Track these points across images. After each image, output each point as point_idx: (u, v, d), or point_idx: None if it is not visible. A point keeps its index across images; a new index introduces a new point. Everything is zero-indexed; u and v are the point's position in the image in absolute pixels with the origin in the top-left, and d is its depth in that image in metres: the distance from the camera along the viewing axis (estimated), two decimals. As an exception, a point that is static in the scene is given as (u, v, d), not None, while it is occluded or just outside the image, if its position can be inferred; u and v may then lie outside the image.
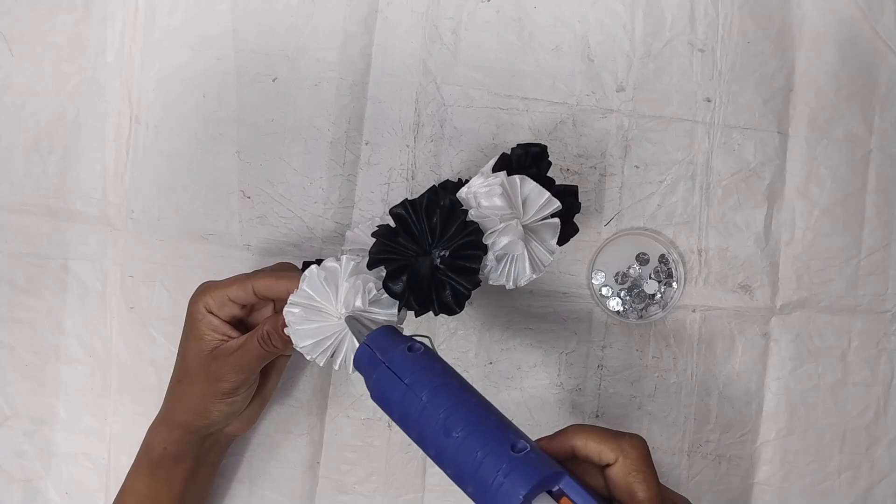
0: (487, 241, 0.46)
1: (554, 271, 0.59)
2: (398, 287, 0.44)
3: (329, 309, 0.45)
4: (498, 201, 0.46)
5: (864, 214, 0.59)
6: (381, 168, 0.59)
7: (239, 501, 0.60)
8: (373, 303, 0.45)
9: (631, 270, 0.59)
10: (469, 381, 0.41)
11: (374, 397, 0.41)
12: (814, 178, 0.59)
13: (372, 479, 0.59)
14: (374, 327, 0.43)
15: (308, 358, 0.45)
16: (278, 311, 0.50)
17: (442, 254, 0.45)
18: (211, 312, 0.49)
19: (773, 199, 0.59)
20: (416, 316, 0.46)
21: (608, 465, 0.38)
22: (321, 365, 0.45)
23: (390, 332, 0.42)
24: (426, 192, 0.47)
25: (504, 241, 0.46)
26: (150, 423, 0.53)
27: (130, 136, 0.60)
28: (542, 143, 0.50)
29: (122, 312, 0.60)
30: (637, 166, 0.59)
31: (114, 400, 0.60)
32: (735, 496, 0.59)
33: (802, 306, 0.59)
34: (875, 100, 0.59)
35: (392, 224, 0.47)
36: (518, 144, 0.49)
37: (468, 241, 0.45)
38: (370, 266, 0.45)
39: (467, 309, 0.59)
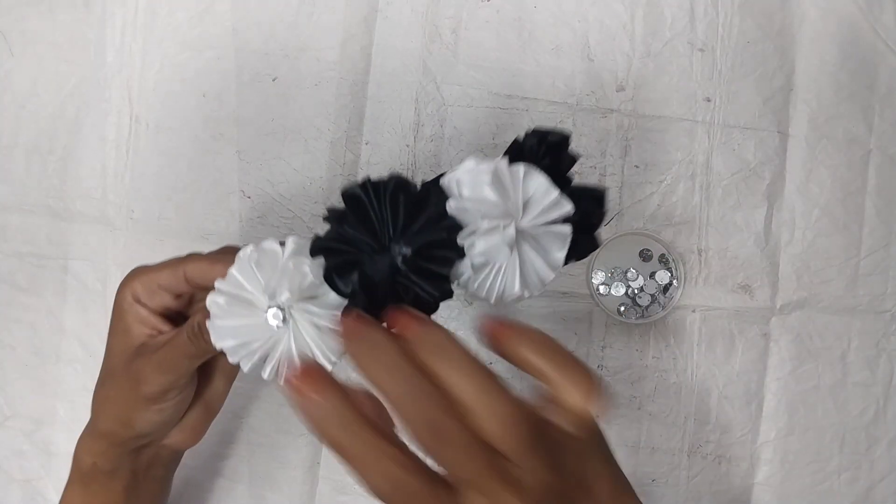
0: (464, 241, 0.36)
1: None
2: (346, 287, 0.35)
3: (260, 302, 0.36)
4: (487, 193, 0.36)
5: (864, 214, 0.59)
6: (381, 168, 0.59)
7: (239, 501, 0.60)
8: (312, 298, 0.36)
9: (631, 271, 0.59)
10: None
11: None
12: (814, 178, 0.59)
13: (372, 479, 0.59)
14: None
15: (231, 361, 0.36)
16: None
17: (404, 251, 0.35)
18: (139, 302, 0.42)
19: (773, 199, 0.59)
20: None
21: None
22: (245, 371, 0.37)
23: None
24: (394, 174, 0.36)
25: (483, 244, 0.36)
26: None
27: (130, 136, 0.60)
28: (565, 130, 0.41)
29: (122, 312, 0.60)
30: (637, 166, 0.59)
31: (114, 400, 0.60)
32: (735, 496, 0.59)
33: (802, 306, 0.59)
34: (875, 100, 0.59)
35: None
36: (533, 130, 0.39)
37: (437, 240, 0.35)
38: (312, 253, 0.36)
39: (467, 309, 0.59)
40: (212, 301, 0.36)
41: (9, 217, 0.60)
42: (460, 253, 0.36)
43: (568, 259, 0.39)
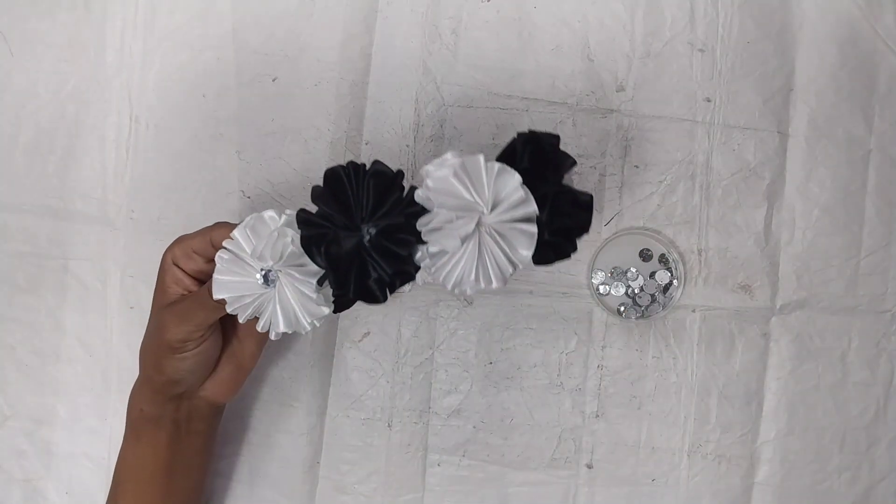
0: (421, 228, 0.39)
1: (554, 271, 0.59)
2: (318, 260, 0.39)
3: (253, 263, 0.42)
4: (450, 185, 0.38)
5: (864, 214, 0.59)
6: (381, 168, 0.59)
7: (239, 501, 0.60)
8: (298, 265, 0.41)
9: (631, 271, 0.59)
10: (469, 381, 0.41)
11: None
12: (814, 178, 0.59)
13: (372, 479, 0.59)
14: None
15: (228, 311, 0.43)
16: None
17: (371, 231, 0.39)
18: (176, 265, 0.48)
19: (772, 199, 0.59)
20: (334, 299, 0.41)
21: None
22: (241, 321, 0.43)
23: None
24: (376, 161, 0.40)
25: (436, 234, 0.38)
26: None
27: (130, 136, 0.60)
28: (555, 133, 0.42)
29: (122, 312, 0.60)
30: (637, 166, 0.59)
31: (114, 400, 0.60)
32: (735, 496, 0.59)
33: (802, 306, 0.59)
34: (875, 100, 0.59)
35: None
36: (527, 132, 0.41)
37: (397, 224, 0.39)
38: (299, 225, 0.40)
39: (467, 309, 0.59)
40: (218, 257, 0.42)
41: (9, 217, 0.60)
42: (419, 238, 0.38)
43: (549, 260, 0.41)
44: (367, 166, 0.40)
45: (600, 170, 0.59)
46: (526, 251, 0.40)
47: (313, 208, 0.41)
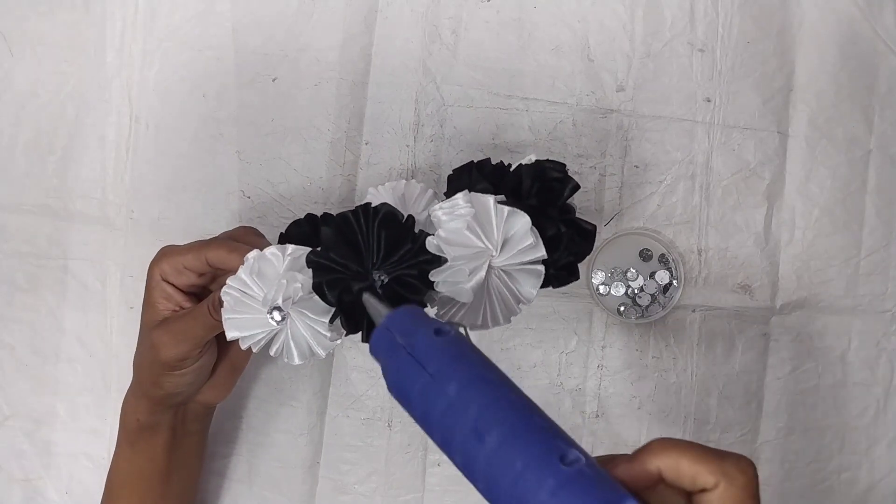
0: (434, 278, 0.39)
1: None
2: (330, 303, 0.40)
3: (261, 303, 0.42)
4: (463, 236, 0.39)
5: (864, 214, 0.59)
6: (381, 168, 0.59)
7: (238, 501, 0.60)
8: (304, 302, 0.41)
9: (631, 271, 0.59)
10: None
11: (391, 389, 0.34)
12: (814, 178, 0.59)
13: (372, 479, 0.59)
14: (390, 306, 0.36)
15: (242, 347, 0.43)
16: None
17: (382, 278, 0.39)
18: (166, 280, 0.46)
19: (772, 199, 0.59)
20: (347, 335, 0.41)
21: (703, 491, 0.30)
22: (255, 352, 0.43)
23: (415, 312, 0.35)
24: (384, 205, 0.40)
25: (449, 287, 0.39)
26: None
27: (130, 136, 0.60)
28: (561, 162, 0.42)
29: (122, 312, 0.60)
30: (637, 166, 0.59)
31: (114, 400, 0.60)
32: (735, 496, 0.59)
33: (802, 306, 0.59)
34: (875, 100, 0.59)
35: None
36: (534, 163, 0.41)
37: (410, 274, 0.39)
38: (309, 265, 0.40)
39: (467, 309, 0.59)
40: (225, 293, 0.42)
41: (9, 217, 0.60)
42: (430, 286, 0.39)
43: (551, 286, 0.42)
44: (376, 208, 0.40)
45: (600, 170, 0.59)
46: (533, 290, 0.40)
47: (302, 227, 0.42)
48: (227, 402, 0.59)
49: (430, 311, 0.40)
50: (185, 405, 0.51)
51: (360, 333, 0.41)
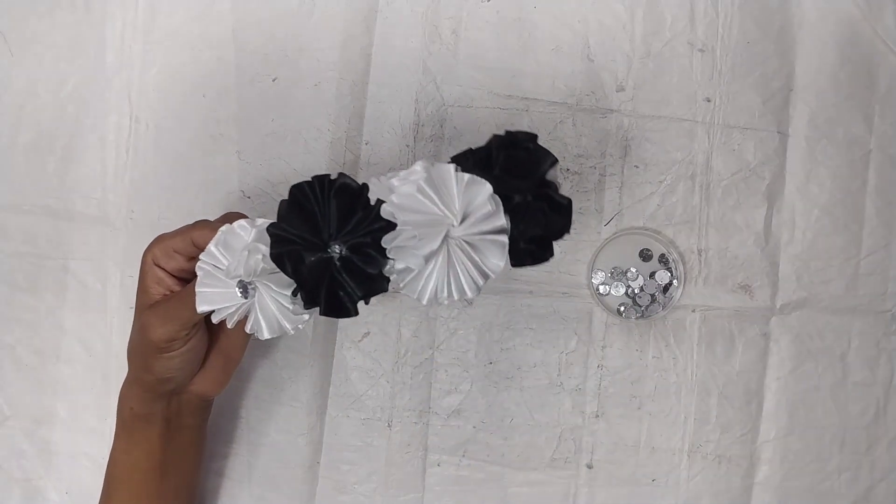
0: (387, 245, 0.38)
1: (554, 271, 0.59)
2: (289, 275, 0.39)
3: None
4: (415, 201, 0.38)
5: (864, 214, 0.59)
6: (381, 168, 0.59)
7: (238, 501, 0.60)
8: (271, 275, 0.41)
9: (631, 271, 0.59)
10: (469, 381, 0.41)
11: None
12: (814, 178, 0.59)
13: (372, 479, 0.59)
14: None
15: (214, 320, 0.43)
16: None
17: (339, 249, 0.39)
18: (157, 265, 0.47)
19: (772, 199, 0.59)
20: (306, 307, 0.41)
21: None
22: (230, 326, 0.44)
23: None
24: (341, 174, 0.39)
25: (400, 253, 0.38)
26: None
27: (130, 136, 0.60)
28: (532, 132, 0.42)
29: (122, 312, 0.60)
30: (637, 166, 0.59)
31: (114, 400, 0.59)
32: (735, 496, 0.59)
33: (802, 306, 0.59)
34: (875, 100, 0.59)
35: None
36: (503, 134, 0.40)
37: (364, 242, 0.38)
38: (270, 237, 0.40)
39: (467, 309, 0.59)
40: (198, 267, 0.43)
41: (9, 217, 0.60)
42: (384, 254, 0.38)
43: (527, 264, 0.40)
44: (333, 178, 0.39)
45: (600, 170, 0.59)
46: (498, 261, 0.39)
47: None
48: (226, 402, 0.59)
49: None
50: (178, 395, 0.51)
51: (324, 310, 0.39)
